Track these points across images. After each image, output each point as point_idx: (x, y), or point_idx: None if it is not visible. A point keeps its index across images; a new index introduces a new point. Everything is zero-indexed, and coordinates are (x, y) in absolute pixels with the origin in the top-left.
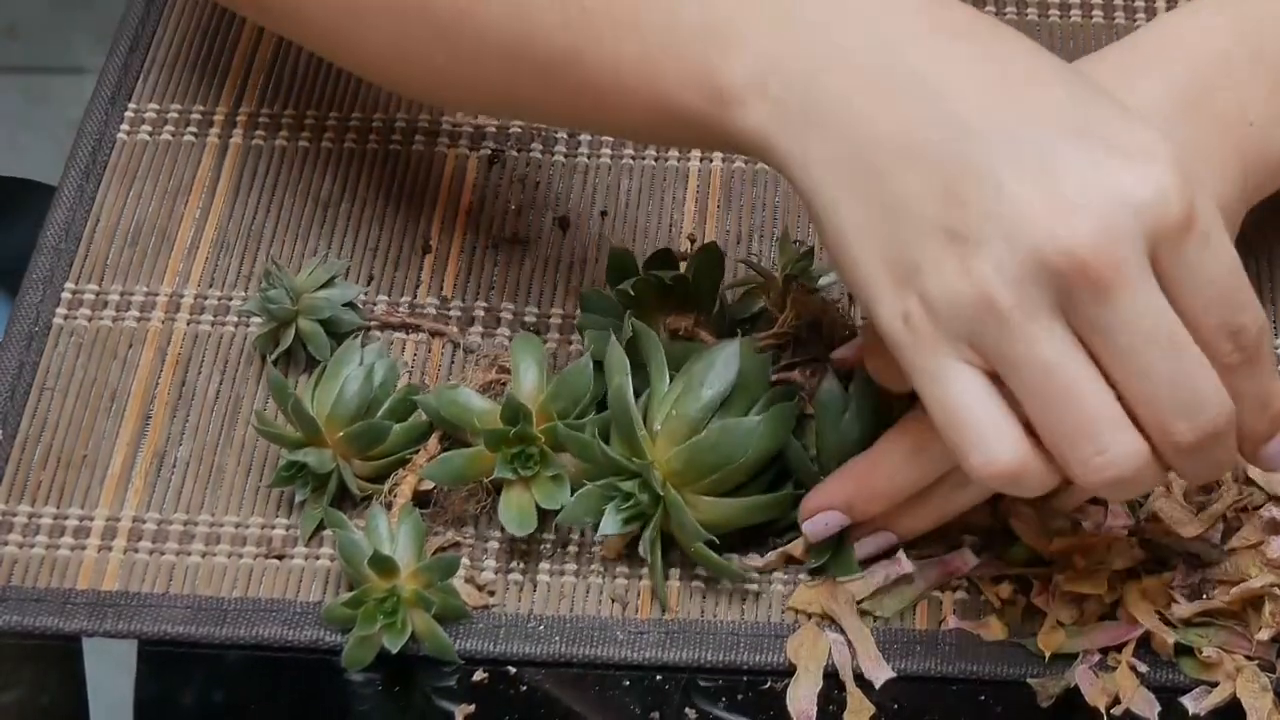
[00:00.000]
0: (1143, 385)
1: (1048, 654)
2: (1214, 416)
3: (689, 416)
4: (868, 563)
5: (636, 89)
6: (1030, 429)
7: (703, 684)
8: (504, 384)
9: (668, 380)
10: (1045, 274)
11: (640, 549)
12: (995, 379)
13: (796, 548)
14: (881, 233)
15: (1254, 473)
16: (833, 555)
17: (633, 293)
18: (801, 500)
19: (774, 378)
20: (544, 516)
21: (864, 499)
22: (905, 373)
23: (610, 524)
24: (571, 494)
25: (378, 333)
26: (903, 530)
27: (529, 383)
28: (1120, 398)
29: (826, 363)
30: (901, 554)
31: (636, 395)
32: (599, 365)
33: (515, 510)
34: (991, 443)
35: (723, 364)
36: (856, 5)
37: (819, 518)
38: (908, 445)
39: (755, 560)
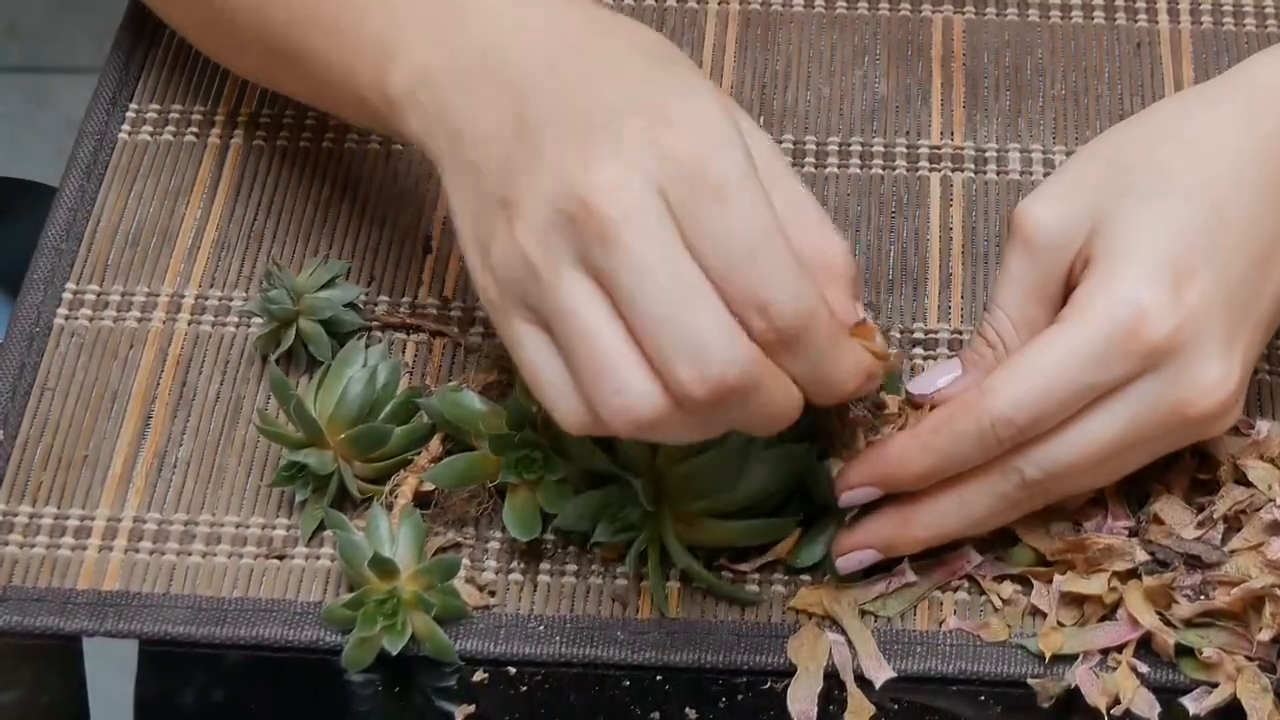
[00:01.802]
0: (646, 327)
1: (1048, 655)
2: (720, 369)
3: None
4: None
5: (342, 86)
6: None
7: (703, 684)
8: (505, 385)
9: None
10: (562, 224)
11: (627, 562)
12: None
13: (784, 548)
14: (473, 217)
15: (1254, 474)
16: (823, 557)
17: None
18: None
19: None
20: (545, 518)
21: (882, 479)
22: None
23: (604, 532)
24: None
25: (379, 333)
26: (916, 533)
27: None
28: (640, 347)
29: None
30: (905, 563)
31: None
32: None
33: (519, 514)
34: (561, 398)
35: None
36: (487, 16)
37: (853, 556)
38: (928, 425)
39: (743, 566)
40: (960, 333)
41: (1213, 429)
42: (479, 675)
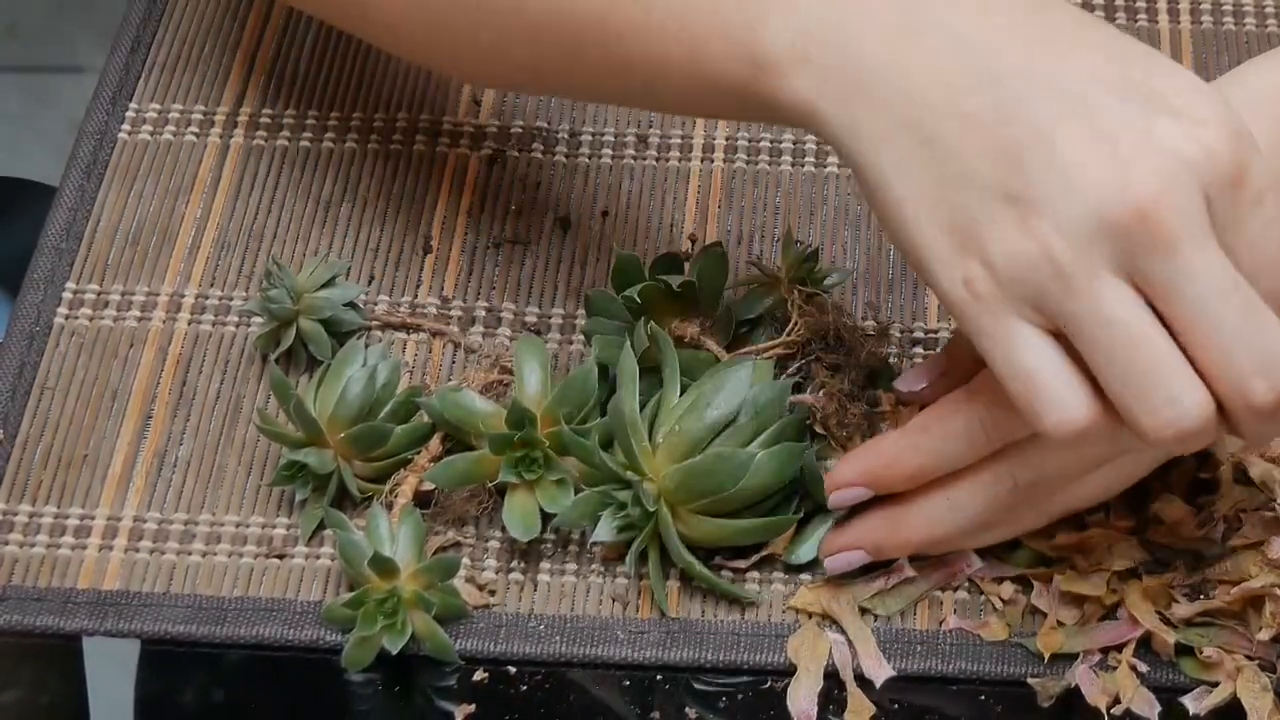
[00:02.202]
0: (1217, 340)
1: (1047, 655)
2: None
3: (691, 434)
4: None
5: (672, 59)
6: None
7: (703, 684)
8: (505, 385)
9: (679, 390)
10: (1106, 230)
11: (627, 561)
12: (1061, 340)
13: (780, 543)
14: (938, 199)
15: (1254, 472)
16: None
17: (639, 300)
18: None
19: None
20: (545, 518)
21: (873, 479)
22: (970, 340)
23: (603, 531)
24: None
25: (378, 333)
26: (905, 535)
27: (532, 386)
28: (1189, 357)
29: (834, 372)
30: (904, 559)
31: (645, 400)
32: (604, 369)
33: (519, 514)
34: (1063, 401)
35: (732, 386)
36: None
37: (841, 557)
38: (916, 424)
39: (740, 563)
40: None
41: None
42: (479, 675)
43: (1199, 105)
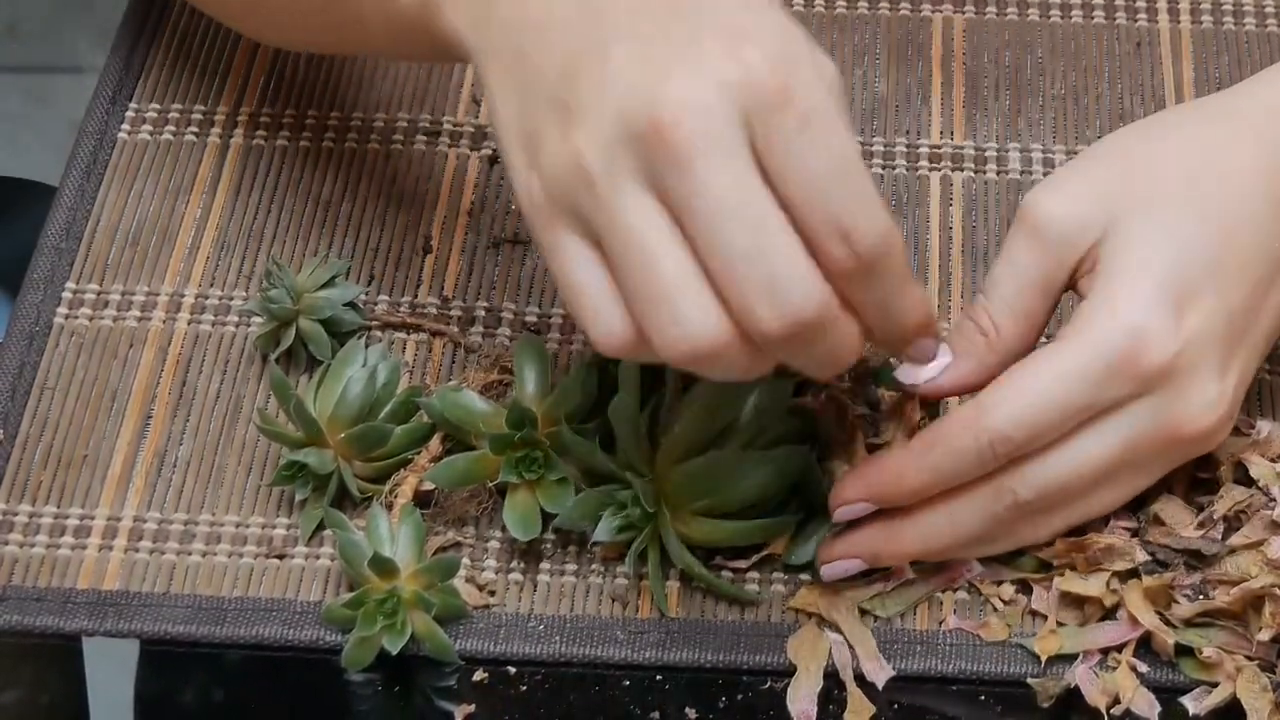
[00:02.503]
0: (721, 260)
1: (1044, 658)
2: (799, 305)
3: (691, 438)
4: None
5: (368, 6)
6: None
7: (703, 684)
8: (505, 385)
9: (680, 391)
10: (630, 140)
11: (627, 561)
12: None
13: (778, 546)
14: (517, 111)
15: (1255, 471)
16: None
17: None
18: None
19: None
20: (545, 518)
21: (877, 495)
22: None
23: (604, 531)
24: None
25: (378, 333)
26: (903, 546)
27: (532, 386)
28: (709, 277)
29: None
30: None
31: (648, 397)
32: (604, 369)
33: (520, 514)
34: (604, 316)
35: (735, 392)
36: None
37: (838, 564)
38: (923, 441)
39: (740, 563)
40: None
41: (1204, 448)
42: (479, 675)
43: (750, 27)
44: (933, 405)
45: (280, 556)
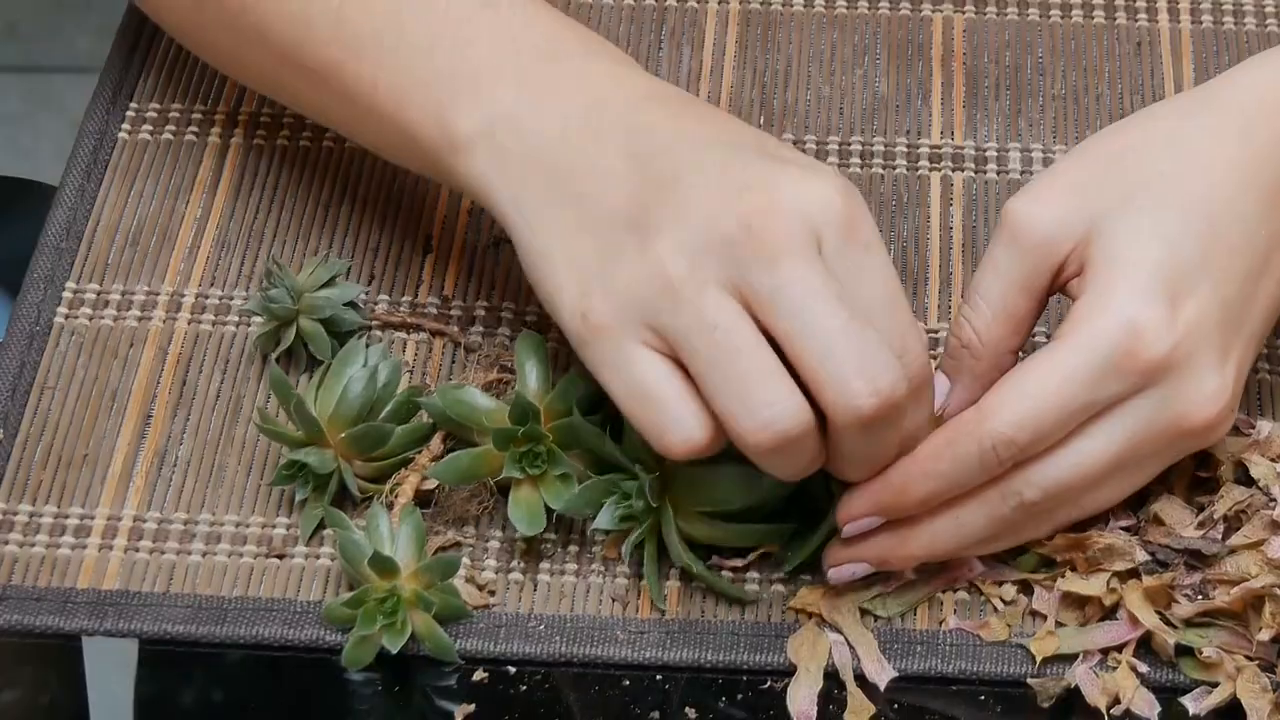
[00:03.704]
0: (816, 345)
1: (1039, 659)
2: (894, 382)
3: None
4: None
5: (385, 111)
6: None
7: (703, 684)
8: (506, 383)
9: None
10: (719, 243)
11: (623, 552)
12: (678, 363)
13: (774, 545)
14: (574, 245)
15: (1255, 471)
16: (810, 557)
17: None
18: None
19: None
20: (549, 515)
21: (885, 508)
22: (591, 373)
23: (605, 519)
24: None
25: (378, 332)
26: (910, 550)
27: (534, 382)
28: (794, 369)
29: None
30: None
31: None
32: None
33: (524, 509)
34: (680, 420)
35: None
36: (588, 74)
37: (845, 568)
38: (928, 451)
39: (737, 561)
40: None
41: (1207, 440)
42: (479, 675)
43: (813, 165)
44: None
45: (280, 556)
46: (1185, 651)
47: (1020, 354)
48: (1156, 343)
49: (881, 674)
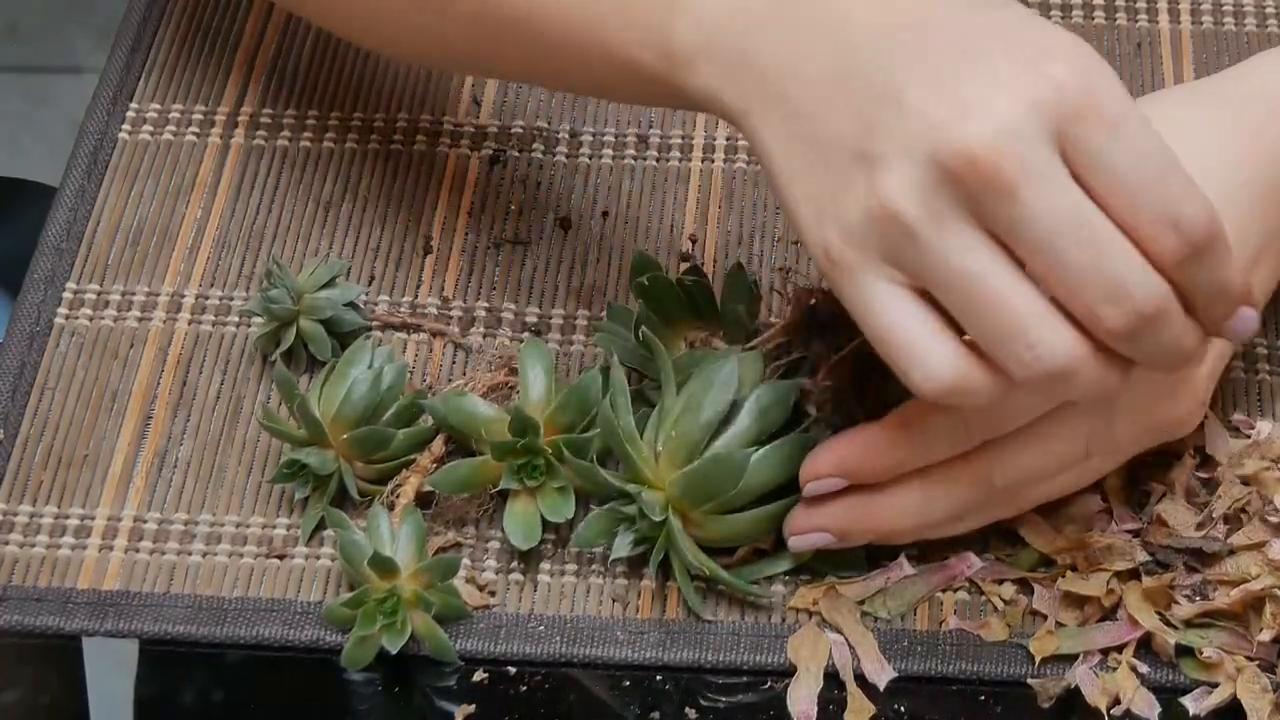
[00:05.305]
0: (1063, 276)
1: (1039, 659)
2: (1142, 301)
3: (689, 438)
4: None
5: (590, 47)
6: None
7: (703, 684)
8: (511, 387)
9: (674, 394)
10: (945, 180)
11: (647, 573)
12: (925, 294)
13: (768, 541)
14: (808, 170)
15: (1253, 469)
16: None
17: (646, 284)
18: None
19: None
20: (545, 524)
21: (849, 471)
22: (843, 305)
23: (622, 547)
24: (576, 503)
25: (379, 333)
26: (873, 524)
27: (537, 393)
28: (1050, 296)
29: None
30: (903, 557)
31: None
32: (605, 375)
33: (520, 522)
34: (928, 357)
35: (721, 381)
36: None
37: (806, 538)
38: (897, 418)
39: (733, 560)
40: None
41: (1177, 433)
42: (479, 675)
43: (1045, 43)
44: None
45: (280, 556)
46: (1185, 652)
47: None
48: None
49: (881, 674)
